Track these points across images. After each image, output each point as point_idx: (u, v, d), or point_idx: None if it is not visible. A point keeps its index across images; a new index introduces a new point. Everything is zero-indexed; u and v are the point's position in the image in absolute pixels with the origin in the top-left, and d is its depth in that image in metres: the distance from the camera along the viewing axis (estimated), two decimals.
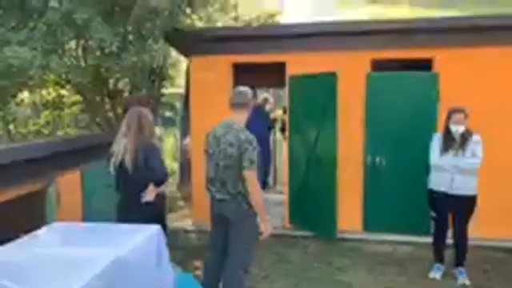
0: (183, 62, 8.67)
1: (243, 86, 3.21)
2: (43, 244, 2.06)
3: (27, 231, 2.29)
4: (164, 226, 3.17)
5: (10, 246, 1.97)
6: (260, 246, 4.86)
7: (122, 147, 3.08)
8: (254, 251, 3.42)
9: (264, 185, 7.08)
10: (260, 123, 6.17)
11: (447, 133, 3.87)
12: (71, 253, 1.85)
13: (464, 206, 3.86)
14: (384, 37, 5.05)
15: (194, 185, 5.63)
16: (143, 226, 2.38)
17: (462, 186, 3.80)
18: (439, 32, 4.95)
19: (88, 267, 1.60)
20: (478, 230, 4.15)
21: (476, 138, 3.80)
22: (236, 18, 8.69)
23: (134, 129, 3.12)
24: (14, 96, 6.04)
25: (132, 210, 3.08)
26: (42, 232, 2.23)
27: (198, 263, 4.24)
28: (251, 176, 2.89)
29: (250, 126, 3.14)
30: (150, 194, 3.08)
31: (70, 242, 2.11)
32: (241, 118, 3.10)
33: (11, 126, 6.68)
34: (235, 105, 3.09)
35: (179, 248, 4.78)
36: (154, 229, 2.31)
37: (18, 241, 2.06)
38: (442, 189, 3.89)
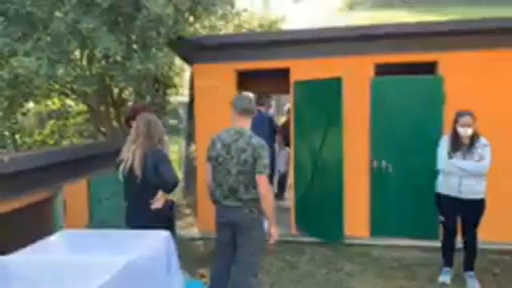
0: (187, 71, 8.72)
1: (246, 92, 3.23)
2: (53, 251, 2.06)
3: (34, 239, 2.29)
4: (173, 233, 3.16)
5: (20, 253, 1.96)
6: (267, 253, 4.84)
7: (131, 154, 3.08)
8: (262, 257, 3.40)
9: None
10: (264, 130, 6.11)
11: (455, 136, 3.85)
12: (81, 259, 1.84)
13: (472, 209, 3.83)
14: (387, 41, 5.06)
15: (199, 193, 5.62)
16: (153, 231, 2.38)
17: (470, 189, 3.77)
18: (443, 35, 4.95)
19: (98, 273, 1.59)
20: (485, 234, 4.12)
21: (484, 141, 3.78)
22: (239, 26, 8.75)
23: (142, 135, 3.12)
24: (20, 106, 6.07)
25: (141, 217, 3.06)
26: (51, 239, 2.23)
27: (203, 271, 4.21)
28: (265, 180, 2.94)
29: (254, 132, 3.14)
30: (158, 201, 3.08)
31: (80, 248, 2.11)
32: (248, 124, 3.13)
33: (17, 136, 6.72)
34: (244, 111, 3.09)
35: (185, 256, 4.75)
36: (164, 234, 2.30)
37: (29, 248, 2.05)
38: (450, 193, 3.86)
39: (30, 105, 6.71)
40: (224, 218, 3.08)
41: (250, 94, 3.22)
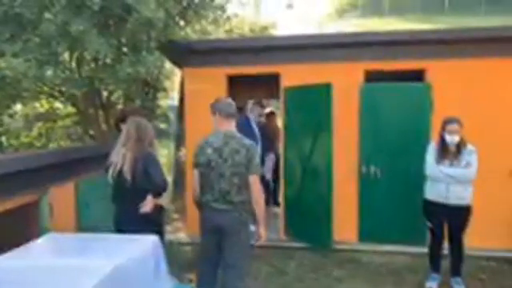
0: (177, 75, 8.70)
1: (225, 97, 3.30)
2: (40, 255, 2.03)
3: (20, 243, 2.25)
4: (162, 238, 3.14)
5: (5, 257, 1.92)
6: (256, 258, 4.83)
7: (121, 157, 3.05)
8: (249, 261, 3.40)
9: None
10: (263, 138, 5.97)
11: (442, 143, 3.90)
12: (68, 263, 1.81)
13: (459, 215, 3.87)
14: (377, 48, 5.12)
15: (187, 197, 5.59)
16: (141, 236, 2.35)
17: (457, 196, 3.81)
18: (431, 44, 5.02)
19: (86, 277, 1.57)
20: (472, 240, 4.17)
21: (471, 147, 3.83)
22: (230, 31, 8.76)
23: (133, 138, 3.10)
24: (8, 108, 5.99)
25: (130, 221, 3.03)
26: (38, 242, 2.19)
27: (192, 276, 4.18)
28: (257, 180, 3.02)
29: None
30: (148, 205, 3.05)
31: (67, 252, 2.08)
32: (233, 127, 3.18)
33: (3, 138, 6.61)
34: (230, 115, 3.15)
35: (173, 261, 4.71)
36: (152, 239, 2.28)
37: (14, 251, 2.01)
38: (438, 199, 3.90)
39: (18, 107, 6.62)
40: (212, 222, 3.06)
41: (229, 99, 3.32)
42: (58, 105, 7.20)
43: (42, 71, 4.36)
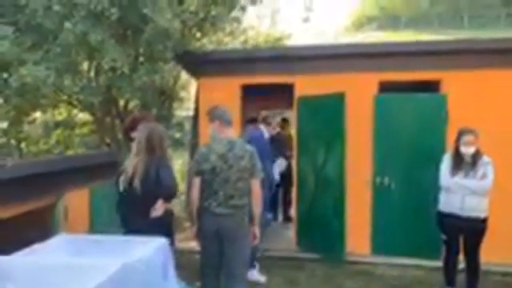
0: (194, 85, 8.81)
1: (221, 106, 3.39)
2: (51, 253, 2.06)
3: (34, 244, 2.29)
4: (172, 243, 3.14)
5: (18, 255, 1.97)
6: (267, 269, 4.80)
7: (132, 167, 3.07)
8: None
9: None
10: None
11: (457, 154, 3.84)
12: (77, 262, 1.84)
13: (474, 228, 3.79)
14: (391, 59, 5.11)
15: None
16: (150, 238, 2.38)
17: (473, 208, 3.74)
18: (447, 54, 4.99)
19: (94, 275, 1.59)
20: (489, 255, 4.06)
21: (486, 159, 3.77)
22: (245, 42, 8.87)
23: (144, 149, 3.10)
24: (27, 115, 6.15)
25: (140, 226, 3.04)
26: (49, 242, 2.23)
27: (199, 284, 4.16)
28: (258, 184, 3.17)
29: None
30: (159, 209, 3.07)
31: (77, 251, 2.11)
32: (232, 134, 3.30)
33: (23, 145, 6.78)
34: (229, 122, 3.27)
35: (183, 268, 4.71)
36: (161, 241, 2.30)
37: (26, 250, 2.06)
38: (452, 211, 3.83)
39: (37, 114, 6.80)
40: (215, 226, 3.09)
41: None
42: (76, 113, 7.35)
43: (61, 79, 4.48)
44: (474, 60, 4.92)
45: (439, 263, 4.22)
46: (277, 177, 6.87)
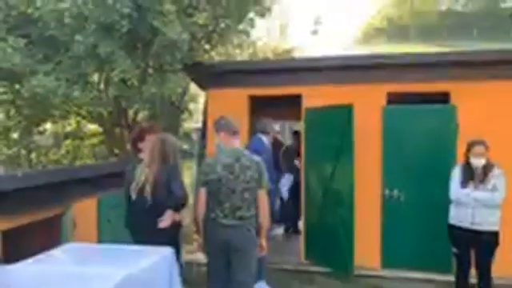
0: (203, 97, 8.87)
1: (226, 116, 3.38)
2: (57, 262, 2.06)
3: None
4: (178, 255, 3.13)
5: (24, 263, 1.97)
6: (275, 281, 4.74)
7: (144, 177, 3.08)
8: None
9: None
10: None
11: (467, 166, 3.79)
12: (83, 270, 1.83)
13: (486, 241, 3.71)
14: (400, 70, 5.09)
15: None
16: (156, 248, 2.36)
17: (484, 220, 3.67)
18: (456, 65, 4.96)
19: (98, 284, 1.59)
20: (501, 269, 3.96)
21: (498, 171, 3.71)
22: (253, 54, 8.93)
23: (157, 160, 3.11)
24: (38, 125, 6.23)
25: (148, 236, 3.03)
26: (56, 251, 2.23)
27: None
28: (265, 195, 3.13)
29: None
30: (167, 220, 3.06)
31: (84, 260, 2.11)
32: (239, 144, 3.28)
33: (33, 155, 6.86)
34: (236, 132, 3.25)
35: (191, 281, 4.68)
36: (167, 251, 2.29)
37: (33, 258, 2.06)
38: (463, 224, 3.76)
39: (48, 125, 6.88)
40: (221, 238, 3.06)
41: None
42: (85, 124, 7.44)
43: (70, 90, 4.54)
44: (484, 71, 4.88)
45: (451, 277, 4.14)
46: (285, 194, 6.84)
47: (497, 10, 35.91)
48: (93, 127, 7.71)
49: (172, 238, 3.13)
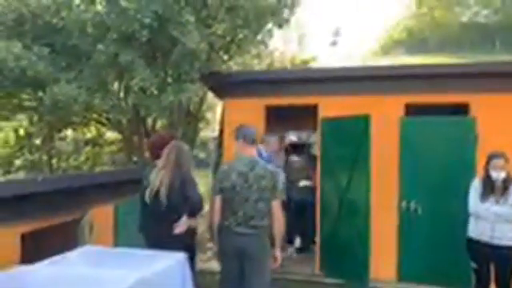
0: (220, 107, 8.94)
1: (247, 124, 3.39)
2: (72, 264, 2.10)
3: None
4: (193, 261, 3.14)
5: (40, 265, 2.01)
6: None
7: (159, 180, 3.12)
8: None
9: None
10: None
11: (487, 179, 3.71)
12: (97, 272, 1.87)
13: (506, 257, 3.61)
14: (418, 81, 5.05)
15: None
16: (169, 253, 2.38)
17: (504, 235, 3.57)
18: (475, 77, 4.89)
19: (112, 286, 1.61)
20: None
21: None
22: (271, 65, 8.98)
23: (172, 163, 3.17)
24: (59, 132, 6.39)
25: (162, 240, 3.05)
26: (72, 254, 2.28)
27: None
28: (279, 205, 3.10)
29: None
30: (182, 226, 3.08)
31: (98, 263, 2.14)
32: (255, 153, 3.27)
33: (54, 161, 7.02)
34: (254, 141, 3.24)
35: None
36: (181, 256, 2.30)
37: (49, 260, 2.11)
38: (482, 238, 3.67)
39: (68, 132, 7.05)
40: (235, 246, 3.05)
41: (250, 125, 3.39)
42: (104, 131, 7.59)
43: (91, 98, 4.65)
44: (504, 83, 4.81)
45: None
46: None
47: None
48: (112, 135, 7.85)
49: (187, 244, 3.15)
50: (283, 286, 4.83)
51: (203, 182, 10.27)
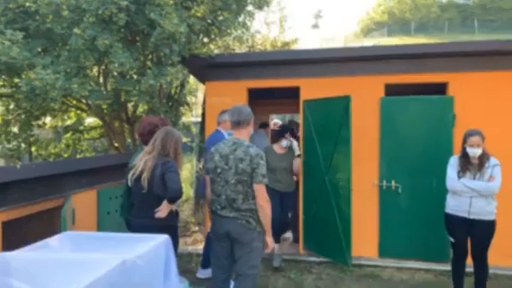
0: (202, 91, 8.87)
1: (238, 105, 3.30)
2: (53, 249, 2.09)
3: None
4: (176, 243, 3.16)
5: (21, 250, 2.01)
6: (273, 271, 4.79)
7: (143, 163, 3.10)
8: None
9: None
10: None
11: (464, 156, 3.81)
12: (77, 257, 1.87)
13: (482, 231, 3.73)
14: (397, 62, 5.10)
15: (207, 209, 5.62)
16: (152, 235, 2.39)
17: (480, 210, 3.69)
18: (454, 56, 4.97)
19: (93, 269, 1.62)
20: (499, 258, 4.00)
21: (494, 161, 3.72)
22: (252, 47, 8.91)
23: (158, 148, 3.15)
24: (37, 119, 6.25)
25: (144, 223, 3.06)
26: (53, 239, 2.27)
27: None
28: (262, 190, 2.97)
29: None
30: (163, 211, 3.09)
31: (79, 248, 2.14)
32: (245, 134, 3.17)
33: (33, 149, 6.88)
34: (237, 123, 3.14)
35: (191, 272, 4.74)
36: (163, 238, 2.31)
37: (30, 246, 2.10)
38: (459, 213, 3.79)
39: (47, 119, 6.90)
40: (222, 229, 3.06)
41: (242, 106, 3.27)
42: (84, 116, 7.47)
43: (69, 83, 4.54)
44: (482, 62, 4.89)
45: (448, 267, 4.17)
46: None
47: (498, 1, 35.72)
48: (92, 121, 7.73)
49: (169, 225, 3.15)
50: (268, 266, 4.92)
51: (186, 167, 10.29)
